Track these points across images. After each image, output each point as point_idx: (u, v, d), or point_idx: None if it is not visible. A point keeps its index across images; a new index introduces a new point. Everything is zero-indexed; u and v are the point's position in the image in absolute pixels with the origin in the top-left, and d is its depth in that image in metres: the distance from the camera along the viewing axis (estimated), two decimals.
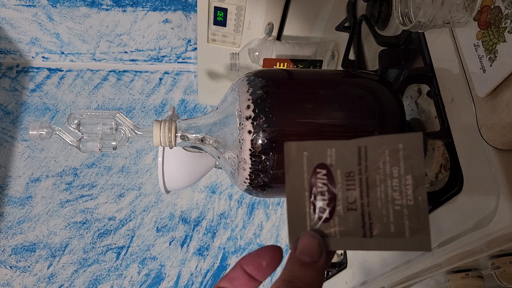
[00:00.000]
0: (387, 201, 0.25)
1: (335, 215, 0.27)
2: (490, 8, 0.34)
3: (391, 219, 0.25)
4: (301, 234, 0.27)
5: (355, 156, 0.26)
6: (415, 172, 0.25)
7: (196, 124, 0.43)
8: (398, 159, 0.25)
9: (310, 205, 0.27)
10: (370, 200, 0.26)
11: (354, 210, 0.26)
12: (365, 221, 0.26)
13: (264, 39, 0.87)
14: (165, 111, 1.20)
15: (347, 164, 0.26)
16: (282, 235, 1.12)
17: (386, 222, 0.25)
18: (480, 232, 0.37)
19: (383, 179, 0.25)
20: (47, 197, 1.09)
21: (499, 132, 0.33)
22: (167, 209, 1.12)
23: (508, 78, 0.32)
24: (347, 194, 0.26)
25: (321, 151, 0.27)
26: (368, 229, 0.26)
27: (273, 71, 0.45)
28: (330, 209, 0.27)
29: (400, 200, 0.25)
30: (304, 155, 0.28)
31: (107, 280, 1.04)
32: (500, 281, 0.42)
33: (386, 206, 0.25)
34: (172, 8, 1.08)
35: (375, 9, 0.60)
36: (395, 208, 0.25)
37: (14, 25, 1.10)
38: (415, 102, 0.52)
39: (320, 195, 0.27)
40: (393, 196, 0.25)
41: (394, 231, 0.25)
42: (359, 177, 0.26)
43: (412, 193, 0.25)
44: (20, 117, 1.15)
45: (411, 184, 0.25)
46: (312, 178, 0.27)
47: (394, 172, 0.25)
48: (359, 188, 0.26)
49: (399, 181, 0.25)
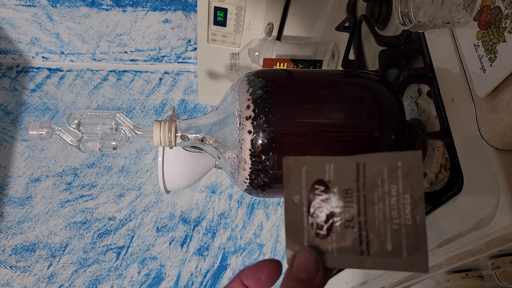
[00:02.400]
0: (385, 219, 0.25)
1: (332, 232, 0.26)
2: (490, 8, 0.34)
3: (388, 238, 0.25)
4: (297, 250, 0.27)
5: (353, 173, 0.26)
6: (413, 191, 0.24)
7: (196, 124, 0.43)
8: (397, 177, 0.25)
9: (308, 220, 0.27)
10: (368, 218, 0.25)
11: (351, 227, 0.26)
12: (363, 239, 0.26)
13: (264, 39, 0.87)
14: (165, 111, 1.20)
15: (345, 181, 0.26)
16: (282, 235, 1.12)
17: (384, 241, 0.25)
18: (480, 232, 0.37)
19: (381, 197, 0.25)
20: (47, 197, 1.09)
21: (499, 132, 0.33)
22: (167, 209, 1.12)
23: (508, 78, 0.32)
24: (344, 211, 0.26)
25: (319, 167, 0.27)
26: (365, 247, 0.26)
27: (273, 71, 0.45)
28: (327, 226, 0.27)
29: (398, 219, 0.25)
30: (303, 170, 0.28)
31: (107, 280, 1.04)
32: (500, 281, 0.42)
33: (384, 224, 0.25)
34: (172, 8, 1.08)
35: (375, 9, 0.60)
36: (393, 227, 0.25)
37: (14, 25, 1.10)
38: (415, 102, 0.52)
39: (318, 211, 0.27)
40: (391, 215, 0.25)
41: (392, 250, 0.25)
42: (357, 194, 0.26)
43: (410, 212, 0.24)
44: (20, 117, 1.15)
45: (409, 203, 0.24)
46: (310, 194, 0.27)
47: (393, 191, 0.25)
48: (356, 205, 0.26)
49: (397, 200, 0.25)
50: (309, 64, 0.84)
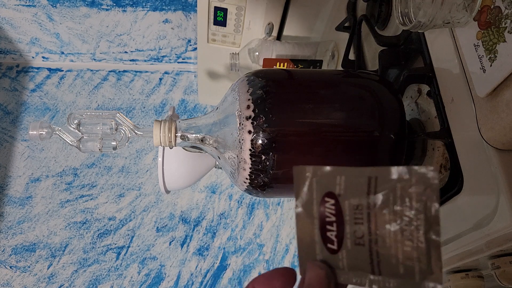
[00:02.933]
0: (397, 240, 0.23)
1: (343, 248, 0.25)
2: (490, 8, 0.34)
3: (400, 259, 0.23)
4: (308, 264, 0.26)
5: (364, 188, 0.24)
6: (428, 211, 0.22)
7: (196, 124, 0.43)
8: (410, 195, 0.23)
9: (319, 234, 0.26)
10: (379, 237, 0.24)
11: (362, 245, 0.24)
12: (373, 259, 0.24)
13: (264, 39, 0.87)
14: (165, 111, 1.20)
15: (356, 196, 0.25)
16: (282, 235, 1.12)
17: (395, 263, 0.23)
18: (480, 232, 0.37)
19: (393, 216, 0.23)
20: (47, 197, 1.09)
21: (499, 132, 0.33)
22: (167, 209, 1.11)
23: (508, 78, 0.32)
24: (355, 228, 0.25)
25: (330, 179, 0.26)
26: (376, 267, 0.24)
27: (273, 71, 0.45)
28: (338, 241, 0.25)
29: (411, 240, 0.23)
30: (314, 181, 0.26)
31: (107, 280, 1.04)
32: (500, 281, 0.42)
33: (395, 245, 0.23)
34: (172, 8, 1.08)
35: (375, 9, 0.60)
36: (405, 249, 0.23)
37: (14, 25, 1.10)
38: (415, 102, 0.52)
39: (328, 225, 0.26)
40: (403, 236, 0.23)
41: (404, 272, 0.23)
42: (368, 211, 0.24)
43: (423, 234, 0.22)
44: (20, 117, 1.15)
45: (423, 224, 0.22)
46: (321, 207, 0.26)
47: (405, 210, 0.23)
48: (367, 223, 0.24)
49: (410, 220, 0.23)
50: (309, 64, 0.84)
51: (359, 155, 0.42)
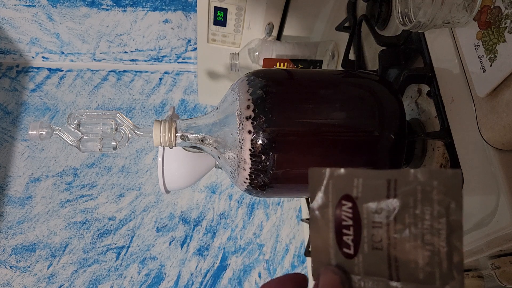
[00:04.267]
0: (417, 245, 0.22)
1: (359, 252, 0.24)
2: (490, 8, 0.34)
3: (420, 264, 0.22)
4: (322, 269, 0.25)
5: (383, 190, 0.23)
6: (450, 215, 0.22)
7: (196, 124, 0.43)
8: (432, 198, 0.22)
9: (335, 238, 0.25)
10: (398, 241, 0.23)
11: (379, 249, 0.24)
12: (391, 263, 0.23)
13: (264, 39, 0.87)
14: (165, 111, 1.20)
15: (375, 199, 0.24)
16: (282, 235, 1.12)
17: (415, 268, 0.23)
18: (480, 232, 0.37)
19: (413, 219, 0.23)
20: (47, 197, 1.09)
21: (499, 132, 0.33)
22: (167, 209, 1.11)
23: (508, 78, 0.32)
24: (372, 232, 0.24)
25: (347, 181, 0.25)
26: (394, 272, 0.23)
27: (273, 71, 0.45)
28: (354, 245, 0.24)
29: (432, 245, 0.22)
30: (330, 183, 0.25)
31: (107, 280, 1.04)
32: (500, 281, 0.42)
33: (415, 250, 0.22)
34: (172, 8, 1.08)
35: (375, 9, 0.60)
36: (425, 254, 0.22)
37: (14, 25, 1.10)
38: (415, 102, 0.52)
39: (344, 229, 0.25)
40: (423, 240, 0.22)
41: (424, 278, 0.22)
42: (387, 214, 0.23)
43: (445, 239, 0.22)
44: (20, 117, 1.15)
45: (445, 228, 0.22)
46: (337, 210, 0.25)
47: (426, 213, 0.22)
48: (385, 226, 0.23)
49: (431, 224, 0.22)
50: (309, 64, 0.84)
51: (359, 155, 0.42)
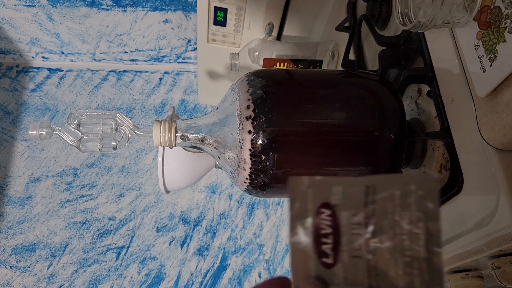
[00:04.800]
0: (396, 251, 0.22)
1: (339, 261, 0.24)
2: (490, 8, 0.34)
3: (399, 271, 0.22)
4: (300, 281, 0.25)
5: (362, 197, 0.23)
6: (429, 220, 0.22)
7: (196, 124, 0.43)
8: (410, 203, 0.22)
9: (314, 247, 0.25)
10: (377, 249, 0.23)
11: (359, 257, 0.23)
12: (371, 272, 0.23)
13: (264, 39, 0.87)
14: (165, 111, 1.20)
15: (353, 206, 0.24)
16: (282, 235, 1.12)
17: (394, 275, 0.22)
18: (480, 232, 0.37)
19: (392, 225, 0.22)
20: (47, 197, 1.08)
21: (499, 132, 0.33)
22: (167, 209, 1.11)
23: (508, 78, 0.32)
24: (352, 240, 0.24)
25: (327, 189, 0.25)
26: (374, 281, 0.23)
27: (273, 71, 0.45)
28: (334, 254, 0.24)
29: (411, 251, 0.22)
30: (309, 191, 0.25)
31: (107, 280, 1.04)
32: (500, 281, 0.42)
33: (394, 256, 0.22)
34: (172, 8, 1.08)
35: (375, 9, 0.60)
36: (404, 260, 0.22)
37: (14, 25, 1.10)
38: (415, 102, 0.52)
39: (324, 237, 0.24)
40: (402, 246, 0.22)
41: (403, 286, 0.22)
42: (365, 221, 0.23)
43: (424, 244, 0.21)
44: (20, 117, 1.15)
45: (423, 233, 0.22)
46: (316, 219, 0.25)
47: (405, 218, 0.22)
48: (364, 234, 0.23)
49: (410, 229, 0.22)
50: (309, 64, 0.84)
51: (359, 155, 0.42)
